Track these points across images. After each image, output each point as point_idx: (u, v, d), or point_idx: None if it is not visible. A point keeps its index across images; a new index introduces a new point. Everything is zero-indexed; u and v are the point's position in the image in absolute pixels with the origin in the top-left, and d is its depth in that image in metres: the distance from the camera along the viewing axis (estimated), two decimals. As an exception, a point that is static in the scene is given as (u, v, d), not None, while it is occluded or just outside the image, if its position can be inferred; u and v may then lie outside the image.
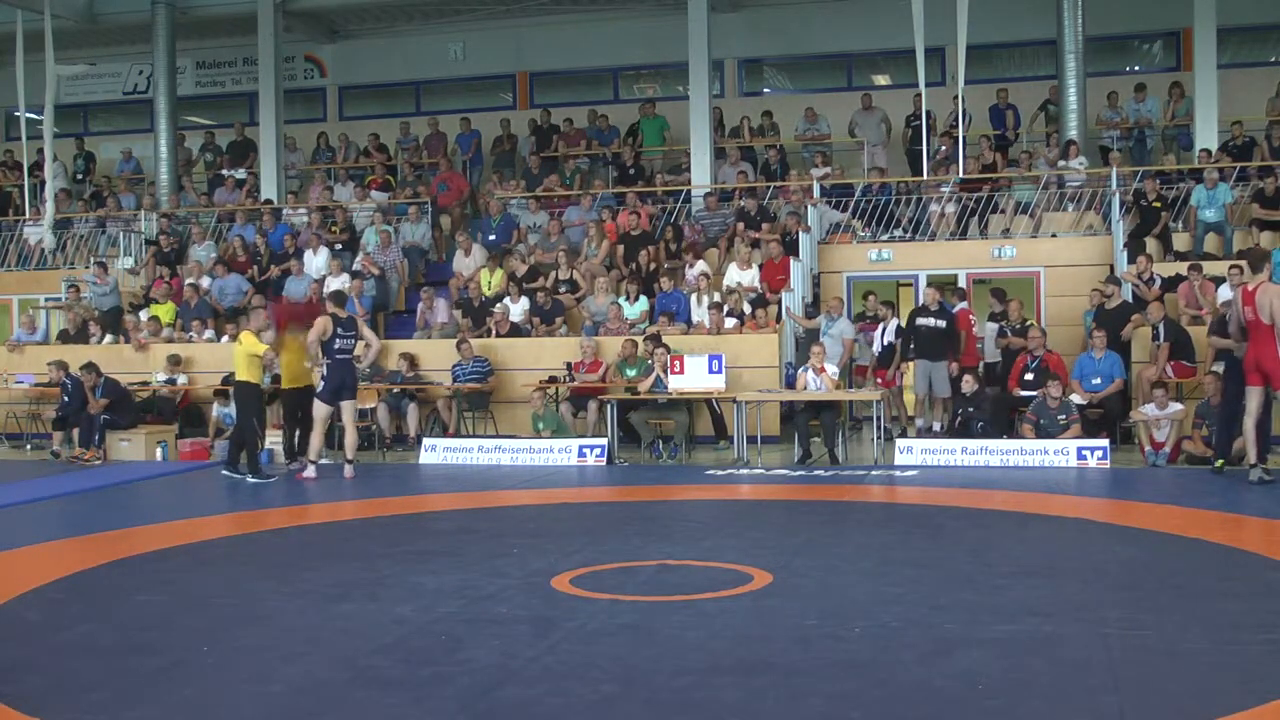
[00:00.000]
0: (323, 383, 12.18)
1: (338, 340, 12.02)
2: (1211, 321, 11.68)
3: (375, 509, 10.22)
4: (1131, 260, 14.58)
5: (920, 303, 14.58)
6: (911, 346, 14.05)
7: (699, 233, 17.13)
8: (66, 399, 14.61)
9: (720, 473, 12.04)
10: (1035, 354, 13.40)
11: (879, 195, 17.29)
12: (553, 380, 14.35)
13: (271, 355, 12.56)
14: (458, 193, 19.64)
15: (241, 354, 12.27)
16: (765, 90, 22.19)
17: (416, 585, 6.92)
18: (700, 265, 15.96)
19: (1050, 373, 12.95)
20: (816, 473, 11.95)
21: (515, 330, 15.45)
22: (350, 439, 12.33)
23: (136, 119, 23.82)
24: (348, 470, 12.15)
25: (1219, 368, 11.72)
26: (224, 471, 12.34)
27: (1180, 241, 15.78)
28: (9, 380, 16.25)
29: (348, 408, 12.26)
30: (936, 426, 13.73)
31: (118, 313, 17.48)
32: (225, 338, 15.94)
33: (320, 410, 12.18)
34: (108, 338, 16.86)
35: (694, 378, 13.17)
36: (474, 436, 14.22)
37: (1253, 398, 10.46)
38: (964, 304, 14.71)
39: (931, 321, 13.87)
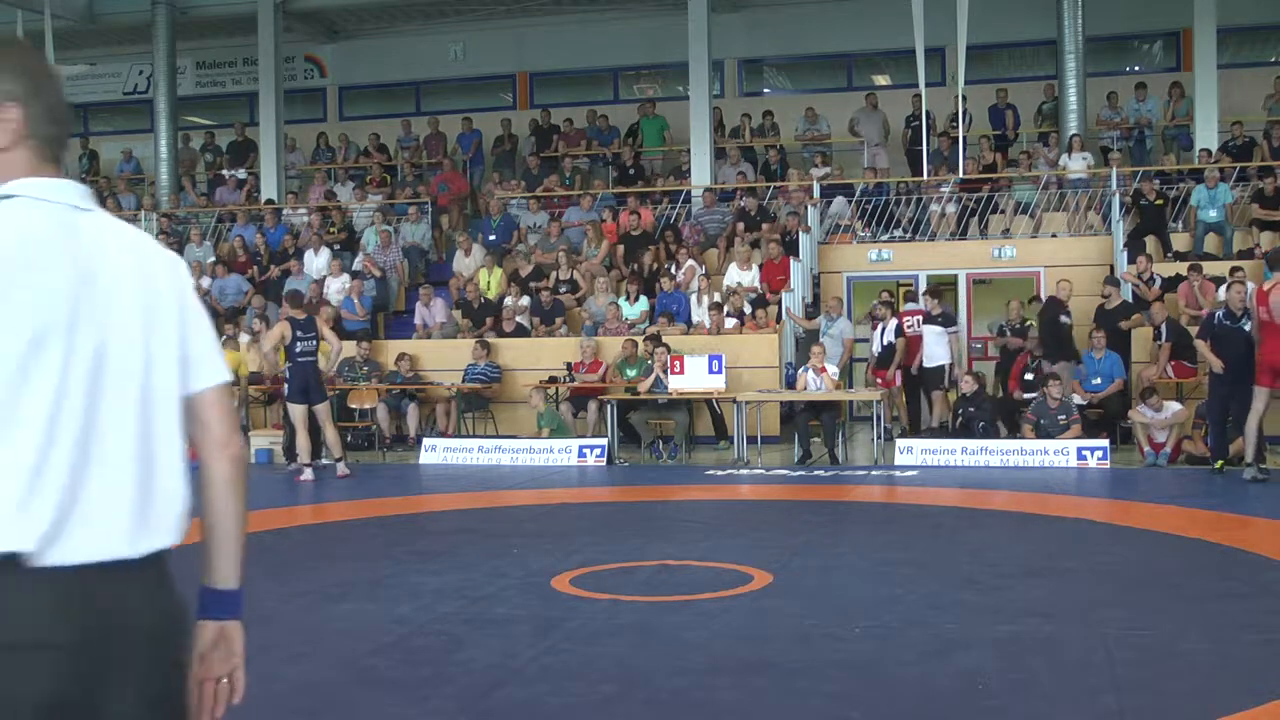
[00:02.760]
0: (287, 386, 12.21)
1: (298, 343, 11.95)
2: (1201, 324, 11.66)
3: (375, 509, 10.22)
4: (1131, 260, 14.58)
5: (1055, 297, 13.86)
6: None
7: (699, 232, 17.13)
8: (66, 399, 14.58)
9: (720, 473, 12.04)
10: (1035, 354, 13.39)
11: (878, 195, 17.29)
12: (553, 380, 14.36)
13: (274, 358, 12.59)
14: (456, 193, 19.64)
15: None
16: (765, 90, 22.18)
17: (416, 585, 6.92)
18: (689, 263, 15.93)
19: (1051, 373, 12.94)
20: (816, 473, 11.96)
21: (516, 329, 15.45)
22: (331, 437, 12.30)
23: (136, 119, 23.81)
24: (340, 469, 12.15)
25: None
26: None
27: (1180, 241, 15.78)
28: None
29: (320, 411, 12.19)
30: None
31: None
32: (224, 337, 15.93)
33: (295, 411, 12.15)
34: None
35: (694, 378, 13.17)
36: (474, 436, 14.22)
37: (1259, 398, 10.44)
38: (914, 304, 14.82)
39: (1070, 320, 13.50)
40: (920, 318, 14.30)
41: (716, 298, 15.28)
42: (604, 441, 13.05)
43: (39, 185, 1.92)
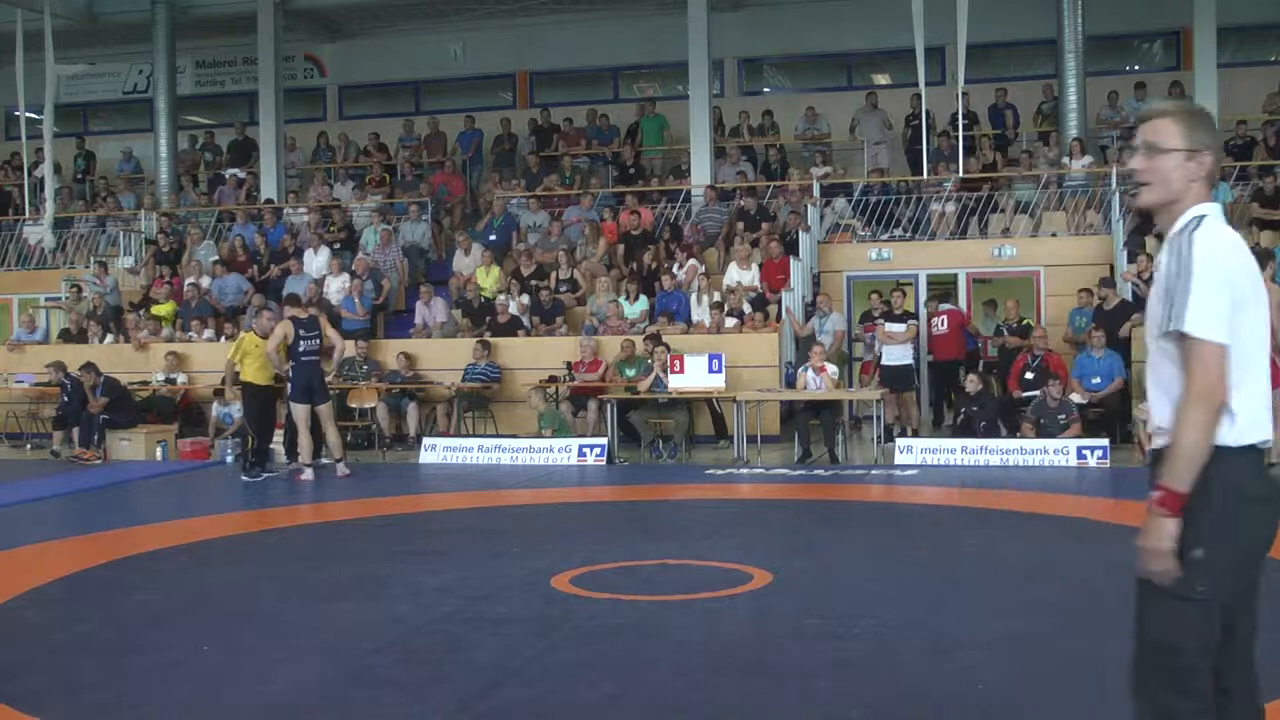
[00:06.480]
0: (290, 385, 12.20)
1: (301, 342, 11.95)
2: None
3: (375, 509, 10.22)
4: (1131, 260, 14.57)
5: None
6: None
7: (699, 231, 17.13)
8: (66, 399, 14.60)
9: (720, 472, 12.04)
10: (1035, 353, 13.39)
11: (879, 195, 17.29)
12: (553, 380, 14.35)
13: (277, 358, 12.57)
14: (455, 195, 19.65)
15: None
16: (765, 90, 22.18)
17: (416, 585, 6.92)
18: (691, 263, 15.92)
19: (1050, 372, 12.94)
20: (816, 472, 11.95)
21: (515, 323, 15.41)
22: (332, 438, 12.29)
23: (136, 119, 23.79)
24: (340, 469, 12.14)
25: None
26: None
27: (1180, 241, 15.74)
28: (9, 380, 16.25)
29: (322, 411, 12.19)
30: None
31: (117, 312, 17.49)
32: (224, 337, 15.94)
33: (298, 411, 12.15)
34: (108, 337, 16.86)
35: (694, 377, 13.16)
36: (474, 436, 14.22)
37: None
38: (948, 304, 15.31)
39: None
40: (944, 318, 14.86)
41: (716, 297, 15.28)
42: (604, 441, 13.04)
43: (1215, 208, 3.02)
